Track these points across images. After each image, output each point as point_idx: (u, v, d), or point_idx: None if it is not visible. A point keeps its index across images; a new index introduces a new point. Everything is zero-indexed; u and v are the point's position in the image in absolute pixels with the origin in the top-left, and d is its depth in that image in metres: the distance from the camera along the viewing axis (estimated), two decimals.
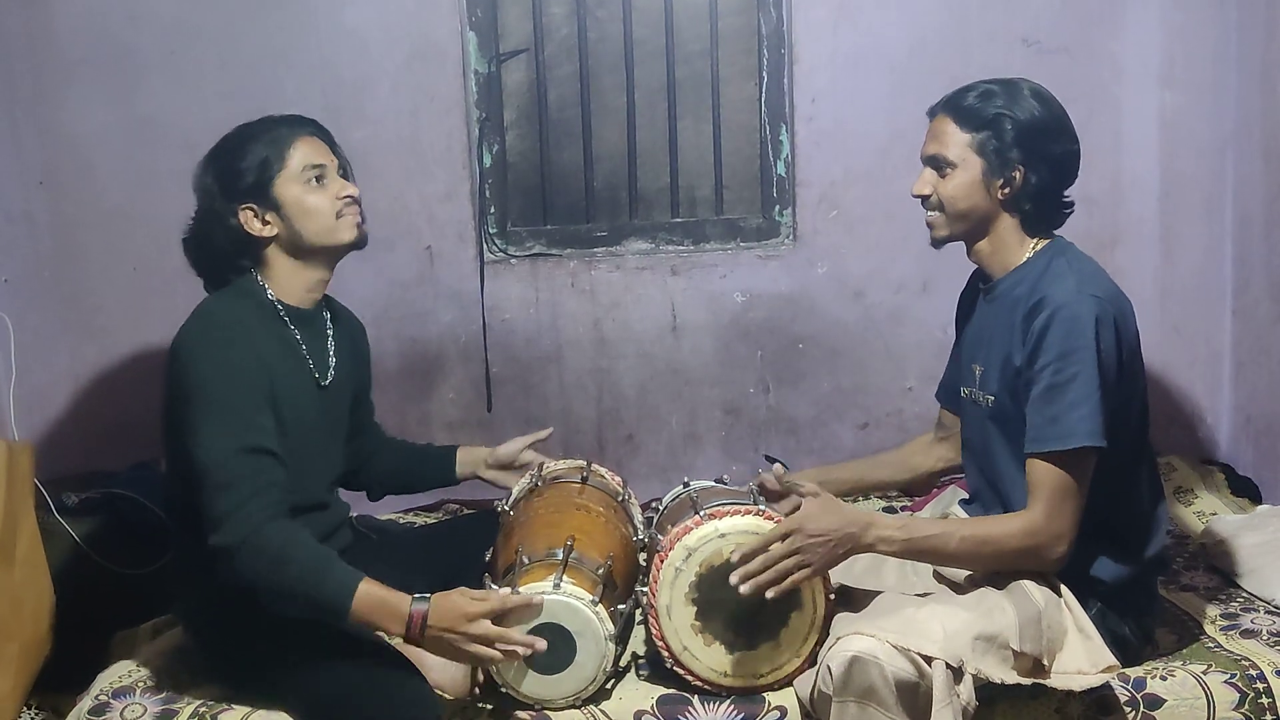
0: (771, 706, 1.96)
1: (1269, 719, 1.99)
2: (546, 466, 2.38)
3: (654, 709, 1.97)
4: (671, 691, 2.00)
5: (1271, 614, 2.28)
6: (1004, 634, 1.87)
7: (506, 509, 2.26)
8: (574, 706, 1.96)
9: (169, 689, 2.07)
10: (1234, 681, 2.01)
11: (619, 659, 2.02)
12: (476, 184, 3.19)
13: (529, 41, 3.20)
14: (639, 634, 2.16)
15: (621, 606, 2.01)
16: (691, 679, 1.98)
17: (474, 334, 3.23)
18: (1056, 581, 1.98)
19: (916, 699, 1.79)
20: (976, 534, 1.96)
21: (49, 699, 2.27)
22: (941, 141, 2.04)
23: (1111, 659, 1.92)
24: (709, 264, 3.23)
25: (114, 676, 2.12)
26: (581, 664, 1.93)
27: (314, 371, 2.10)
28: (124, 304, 3.15)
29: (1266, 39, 2.94)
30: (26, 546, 2.26)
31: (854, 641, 1.82)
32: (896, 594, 2.04)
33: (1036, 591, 1.93)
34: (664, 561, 1.97)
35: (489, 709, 1.98)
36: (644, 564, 2.20)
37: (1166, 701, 1.99)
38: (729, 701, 1.97)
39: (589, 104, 3.23)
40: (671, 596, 1.96)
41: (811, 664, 1.95)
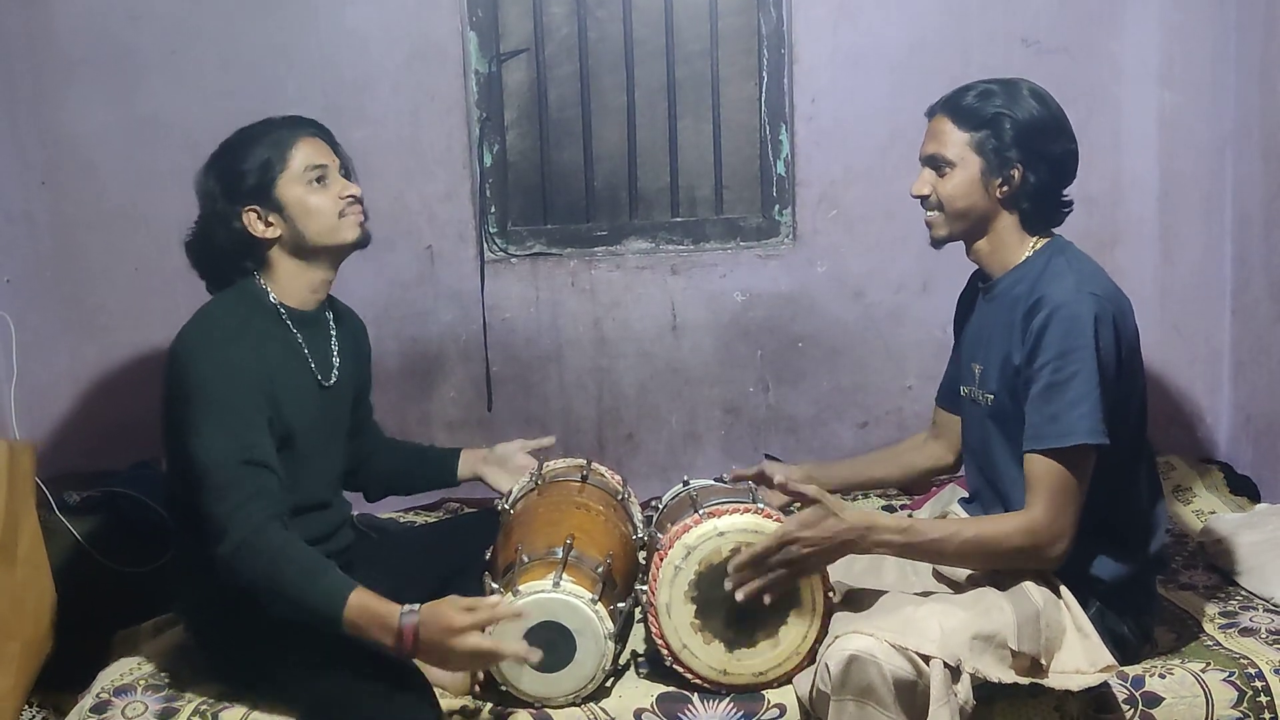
0: (771, 704, 1.97)
1: (1267, 717, 2.00)
2: (546, 465, 2.39)
3: (654, 707, 1.97)
4: (671, 689, 2.00)
5: (1270, 612, 2.29)
6: (1002, 633, 1.87)
7: (507, 507, 2.27)
8: (574, 704, 1.97)
9: (170, 687, 2.08)
10: (1232, 680, 2.02)
11: (619, 657, 2.02)
12: (477, 183, 3.20)
13: (529, 41, 3.21)
14: (638, 632, 2.16)
15: (621, 605, 2.01)
16: (691, 677, 1.98)
17: (474, 333, 3.23)
18: (1056, 580, 1.98)
19: (914, 698, 1.80)
20: (976, 534, 1.96)
21: (50, 697, 2.27)
22: (940, 141, 2.05)
23: (1110, 658, 1.92)
24: (709, 263, 3.24)
25: (115, 675, 2.13)
26: (581, 662, 1.94)
27: (316, 372, 2.11)
28: (125, 304, 3.15)
29: (1265, 38, 2.95)
30: (28, 545, 2.26)
31: (852, 640, 1.82)
32: (896, 593, 2.04)
33: (1035, 591, 1.93)
34: (663, 560, 1.97)
35: (489, 707, 1.98)
36: (643, 562, 2.20)
37: (1165, 700, 1.99)
38: (728, 699, 1.97)
39: (589, 104, 3.24)
40: (671, 595, 1.96)
41: (810, 662, 1.95)
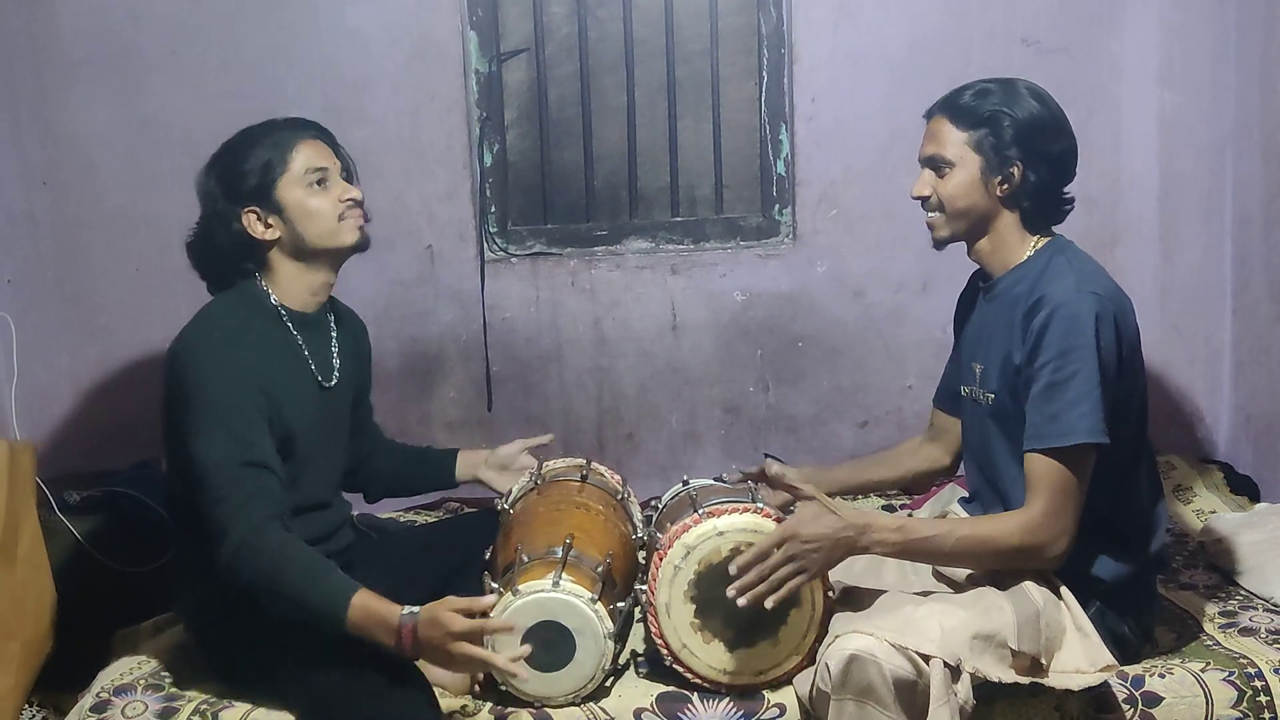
0: (770, 704, 1.97)
1: (1267, 716, 2.00)
2: (546, 465, 2.39)
3: (653, 706, 1.97)
4: (671, 689, 2.00)
5: (1270, 612, 2.29)
6: (1002, 633, 1.87)
7: (506, 507, 2.27)
8: (574, 704, 1.97)
9: (170, 687, 2.08)
10: (1232, 679, 2.02)
11: (618, 657, 2.02)
12: (477, 183, 3.20)
13: (529, 41, 3.21)
14: (638, 632, 2.16)
15: (621, 604, 2.01)
16: (691, 676, 1.98)
17: (474, 333, 3.23)
18: (1056, 580, 1.98)
19: (914, 697, 1.80)
20: (974, 533, 1.96)
21: (50, 697, 2.27)
22: (939, 141, 2.05)
23: (1110, 658, 1.92)
24: (709, 263, 3.24)
25: (115, 674, 2.13)
26: (581, 662, 1.94)
27: (316, 373, 2.11)
28: (126, 304, 3.16)
29: (1265, 38, 2.95)
30: (28, 545, 2.26)
31: (852, 640, 1.82)
32: (895, 593, 2.04)
33: (1035, 591, 1.93)
34: (663, 559, 1.97)
35: (489, 707, 1.98)
36: (643, 562, 2.20)
37: (1165, 699, 1.99)
38: (728, 699, 1.97)
39: (589, 103, 3.24)
40: (670, 594, 1.96)
41: (810, 662, 1.95)
